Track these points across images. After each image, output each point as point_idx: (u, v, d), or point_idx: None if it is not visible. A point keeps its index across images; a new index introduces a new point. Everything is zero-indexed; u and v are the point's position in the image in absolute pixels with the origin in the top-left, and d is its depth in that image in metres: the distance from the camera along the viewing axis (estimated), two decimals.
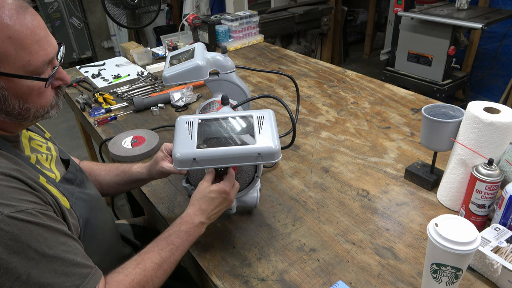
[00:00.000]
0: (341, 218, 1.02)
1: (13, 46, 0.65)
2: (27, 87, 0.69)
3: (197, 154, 0.81)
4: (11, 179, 0.66)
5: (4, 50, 0.64)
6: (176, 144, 0.83)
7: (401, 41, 2.98)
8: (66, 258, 0.67)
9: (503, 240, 0.83)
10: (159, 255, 0.79)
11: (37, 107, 0.72)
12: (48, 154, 0.86)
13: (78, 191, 0.85)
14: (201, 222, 0.85)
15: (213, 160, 0.81)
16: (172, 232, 0.83)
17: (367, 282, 0.84)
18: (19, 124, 0.75)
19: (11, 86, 0.67)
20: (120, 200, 2.52)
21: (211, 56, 1.19)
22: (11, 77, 0.66)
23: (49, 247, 0.65)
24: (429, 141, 1.03)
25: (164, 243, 0.81)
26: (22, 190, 0.66)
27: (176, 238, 0.82)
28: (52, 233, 0.66)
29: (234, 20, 2.37)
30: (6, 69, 0.66)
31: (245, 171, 0.94)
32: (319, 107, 1.62)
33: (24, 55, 0.67)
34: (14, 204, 0.63)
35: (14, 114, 0.71)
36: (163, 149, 1.00)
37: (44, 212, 0.67)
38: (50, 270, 0.65)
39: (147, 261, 0.78)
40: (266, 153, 0.81)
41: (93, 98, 1.75)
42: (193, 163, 0.81)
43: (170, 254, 0.81)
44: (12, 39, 0.65)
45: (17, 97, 0.69)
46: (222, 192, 0.85)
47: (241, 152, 0.81)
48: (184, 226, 0.84)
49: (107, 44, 4.85)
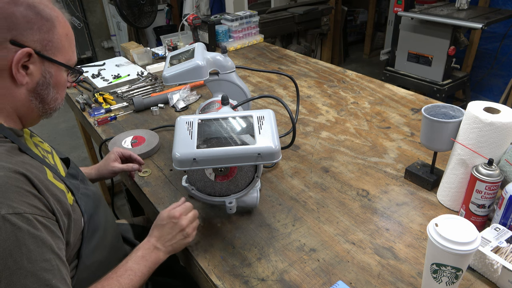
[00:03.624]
0: (341, 218, 1.02)
1: (67, 42, 0.80)
2: (63, 79, 0.81)
3: (197, 154, 0.81)
4: (19, 178, 0.66)
5: (62, 44, 0.78)
6: (176, 144, 0.83)
7: (401, 41, 2.98)
8: (42, 277, 0.64)
9: (503, 240, 0.83)
10: (118, 282, 0.80)
11: (60, 99, 0.83)
12: (49, 150, 0.89)
13: (82, 187, 0.87)
14: (156, 247, 0.88)
15: (213, 160, 0.81)
16: (129, 258, 0.86)
17: (367, 282, 0.84)
18: (39, 116, 0.81)
19: (56, 74, 0.79)
20: (120, 200, 2.52)
21: (211, 56, 1.19)
22: (62, 66, 0.79)
23: (29, 261, 0.63)
24: (429, 141, 1.03)
25: (123, 269, 0.83)
26: (27, 192, 0.66)
27: (134, 264, 0.84)
28: (38, 247, 0.64)
29: (234, 20, 2.37)
30: (60, 59, 0.78)
31: (245, 171, 0.94)
32: (319, 107, 1.62)
33: (70, 52, 0.81)
34: (13, 205, 0.63)
35: (46, 101, 0.79)
36: (114, 152, 1.18)
37: (41, 220, 0.66)
38: (21, 285, 0.62)
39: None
40: (266, 153, 0.81)
41: (93, 98, 1.75)
42: (193, 163, 0.81)
43: (129, 280, 0.81)
44: (68, 37, 0.80)
45: (54, 86, 0.79)
46: (172, 217, 0.89)
47: (241, 152, 0.81)
48: (140, 252, 0.87)
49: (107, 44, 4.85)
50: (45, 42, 0.75)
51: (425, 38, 2.78)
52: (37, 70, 0.75)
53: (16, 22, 0.71)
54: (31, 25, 0.72)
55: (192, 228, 0.91)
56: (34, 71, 0.75)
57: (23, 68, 0.73)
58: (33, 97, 0.77)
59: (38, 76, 0.76)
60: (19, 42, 0.71)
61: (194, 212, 0.93)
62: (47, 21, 0.75)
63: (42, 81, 0.76)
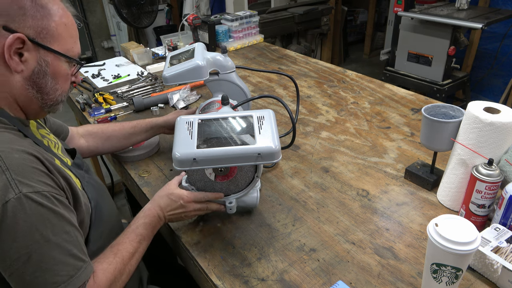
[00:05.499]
0: (341, 218, 1.02)
1: (66, 31, 0.78)
2: (63, 69, 0.80)
3: (197, 154, 0.81)
4: (33, 159, 0.69)
5: (60, 32, 0.76)
6: (176, 144, 0.83)
7: (401, 41, 2.98)
8: (66, 247, 0.69)
9: (503, 240, 0.83)
10: (131, 245, 0.85)
11: (60, 90, 0.81)
12: (55, 142, 0.91)
13: (87, 176, 0.90)
14: (159, 216, 0.92)
15: (213, 160, 0.81)
16: (138, 224, 0.90)
17: (367, 282, 0.84)
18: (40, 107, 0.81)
19: (53, 63, 0.77)
20: (120, 200, 2.52)
21: (211, 56, 1.19)
22: (59, 55, 0.77)
23: (53, 233, 0.67)
24: (429, 141, 1.03)
25: (133, 235, 0.87)
26: (42, 172, 0.69)
27: (143, 230, 0.89)
28: (59, 220, 0.69)
29: (234, 20, 2.37)
30: (57, 48, 0.76)
31: (245, 171, 0.94)
32: (319, 107, 1.62)
33: (70, 42, 0.79)
34: (32, 185, 0.66)
35: (45, 91, 0.78)
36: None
37: (57, 197, 0.70)
38: (50, 256, 0.67)
39: (123, 251, 0.83)
40: (266, 153, 0.81)
41: (93, 98, 1.75)
42: (193, 163, 0.81)
43: (139, 244, 0.87)
44: (66, 26, 0.78)
45: (52, 76, 0.78)
46: (181, 198, 0.92)
47: (241, 152, 0.81)
48: (147, 219, 0.91)
49: (107, 44, 4.85)
50: (39, 29, 0.74)
51: (425, 38, 2.78)
52: (32, 58, 0.74)
53: (8, 8, 0.70)
54: (23, 11, 0.72)
55: (194, 214, 0.95)
56: (29, 58, 0.74)
57: (18, 56, 0.73)
58: (30, 86, 0.76)
59: (34, 64, 0.75)
60: (11, 28, 0.71)
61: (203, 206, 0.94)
62: (42, 8, 0.74)
63: (38, 69, 0.76)
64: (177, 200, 0.92)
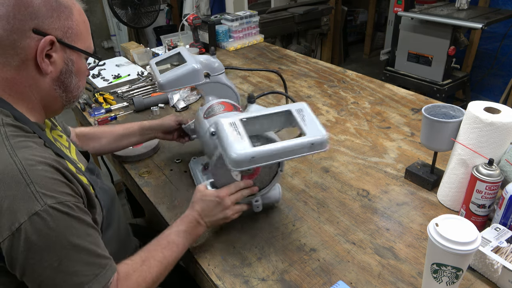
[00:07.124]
0: (341, 218, 1.02)
1: (85, 28, 0.80)
2: (84, 66, 0.82)
3: (254, 152, 0.80)
4: (54, 171, 0.70)
5: (81, 30, 0.78)
6: (228, 145, 0.81)
7: (401, 41, 2.97)
8: (91, 248, 0.71)
9: (504, 240, 0.83)
10: (162, 253, 0.84)
11: (81, 87, 0.83)
12: (68, 144, 0.91)
13: (100, 182, 0.90)
14: (198, 222, 0.90)
15: (270, 156, 0.81)
16: (172, 231, 0.88)
17: (367, 282, 0.84)
18: (62, 105, 0.82)
19: (77, 61, 0.79)
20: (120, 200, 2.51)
21: (204, 59, 1.17)
22: (83, 52, 0.79)
23: (79, 238, 0.69)
24: (429, 141, 1.03)
25: (165, 241, 0.86)
26: (62, 182, 0.71)
27: (177, 237, 0.87)
28: (81, 225, 0.71)
29: (234, 20, 2.37)
30: (80, 46, 0.78)
31: (269, 167, 0.95)
32: (319, 107, 1.62)
33: (88, 40, 0.81)
34: (56, 196, 0.67)
35: (70, 89, 0.80)
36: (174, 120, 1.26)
37: (78, 205, 0.72)
38: (78, 260, 0.69)
39: (151, 259, 0.82)
40: (318, 142, 0.82)
41: (93, 98, 1.75)
42: (251, 161, 0.80)
43: (171, 252, 0.85)
44: (85, 24, 0.80)
45: (76, 74, 0.80)
46: (216, 195, 0.90)
47: (296, 145, 0.82)
48: (183, 226, 0.89)
49: (107, 44, 4.85)
50: (65, 29, 0.75)
51: (425, 38, 2.78)
52: (60, 58, 0.76)
53: (37, 10, 0.71)
54: (51, 12, 0.72)
55: (233, 210, 0.92)
56: (57, 59, 0.75)
57: (47, 57, 0.74)
58: (57, 86, 0.78)
59: (61, 64, 0.76)
60: (41, 30, 0.71)
61: (238, 195, 0.92)
62: (66, 8, 0.75)
63: (65, 69, 0.77)
64: (212, 199, 0.90)
